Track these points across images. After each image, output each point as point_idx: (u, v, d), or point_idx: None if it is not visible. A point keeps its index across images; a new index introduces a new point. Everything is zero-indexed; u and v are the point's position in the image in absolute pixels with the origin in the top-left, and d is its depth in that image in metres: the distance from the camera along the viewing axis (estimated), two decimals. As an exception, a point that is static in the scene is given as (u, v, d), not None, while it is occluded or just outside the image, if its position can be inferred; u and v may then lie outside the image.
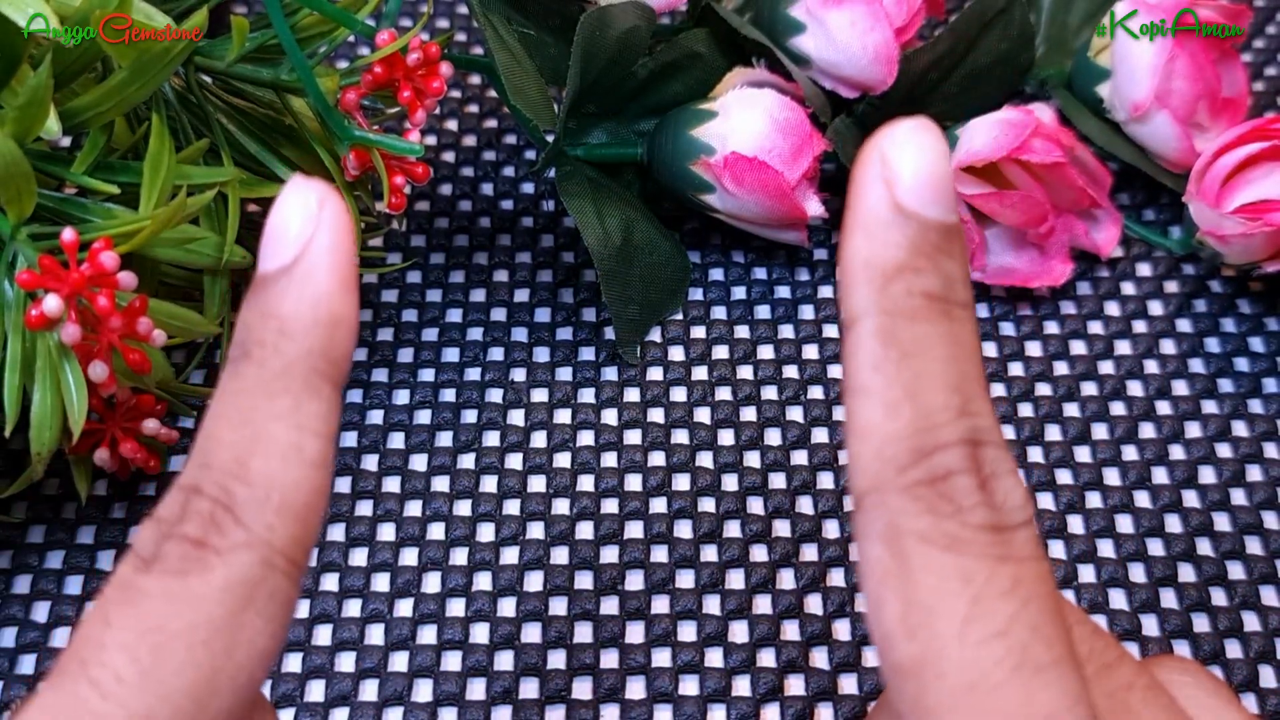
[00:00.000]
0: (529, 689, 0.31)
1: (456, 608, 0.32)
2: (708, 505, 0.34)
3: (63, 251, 0.26)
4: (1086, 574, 0.33)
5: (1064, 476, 0.35)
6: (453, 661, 0.32)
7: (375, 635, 0.32)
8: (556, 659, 0.32)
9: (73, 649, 0.18)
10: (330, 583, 0.33)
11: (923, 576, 0.17)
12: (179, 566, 0.18)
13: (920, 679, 0.17)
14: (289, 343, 0.19)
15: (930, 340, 0.18)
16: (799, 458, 0.35)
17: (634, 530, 0.34)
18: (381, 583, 0.33)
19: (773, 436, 0.36)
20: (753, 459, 0.35)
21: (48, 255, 0.26)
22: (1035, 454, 0.36)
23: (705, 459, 0.35)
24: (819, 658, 0.32)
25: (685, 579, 0.33)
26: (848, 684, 0.31)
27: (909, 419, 0.18)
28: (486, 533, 0.34)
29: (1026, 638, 0.17)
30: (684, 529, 0.34)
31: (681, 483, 0.35)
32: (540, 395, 0.36)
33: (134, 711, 0.17)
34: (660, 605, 0.33)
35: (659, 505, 0.34)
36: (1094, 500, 0.35)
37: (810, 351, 0.38)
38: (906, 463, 0.18)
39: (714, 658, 0.32)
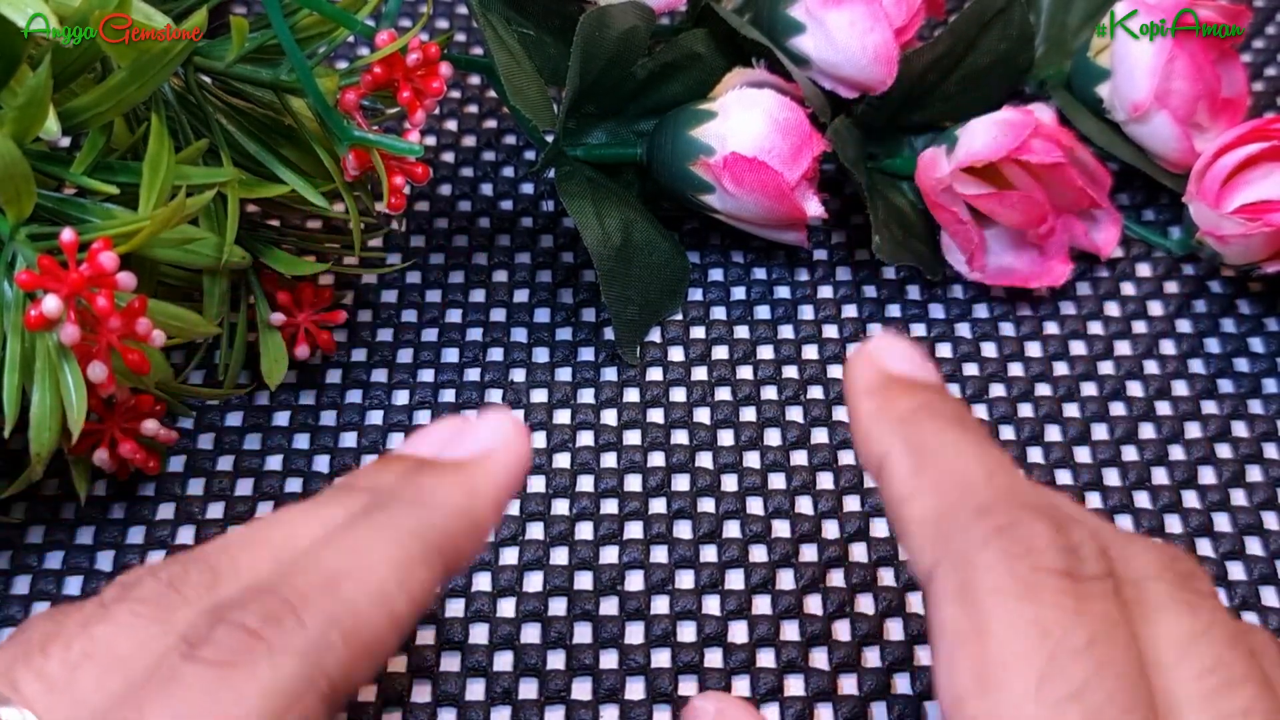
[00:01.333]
0: (528, 689, 0.31)
1: (455, 608, 0.32)
2: (707, 505, 0.34)
3: (62, 252, 0.26)
4: (1086, 574, 0.33)
5: (1064, 477, 0.35)
6: (451, 662, 0.32)
7: (375, 636, 0.32)
8: (556, 659, 0.32)
9: None
10: (330, 583, 0.33)
11: (999, 629, 0.17)
12: (226, 657, 0.17)
13: None
14: (431, 512, 0.20)
15: (958, 442, 0.20)
16: (799, 458, 0.35)
17: (633, 530, 0.34)
18: (381, 583, 0.33)
19: (772, 437, 0.36)
20: (752, 459, 0.35)
21: (47, 255, 0.26)
22: (1035, 454, 0.35)
23: (705, 459, 0.35)
24: (818, 658, 0.32)
25: (685, 579, 0.33)
26: (847, 684, 0.31)
27: (961, 492, 0.19)
28: (486, 533, 0.34)
29: (1101, 702, 0.16)
30: (683, 529, 0.34)
31: (681, 483, 0.35)
32: (540, 395, 0.36)
33: None
34: (660, 606, 0.33)
35: (658, 505, 0.34)
36: (1094, 500, 0.35)
37: (810, 351, 0.38)
38: (970, 520, 0.18)
39: (713, 658, 0.32)
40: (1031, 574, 0.17)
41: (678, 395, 0.37)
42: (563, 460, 0.35)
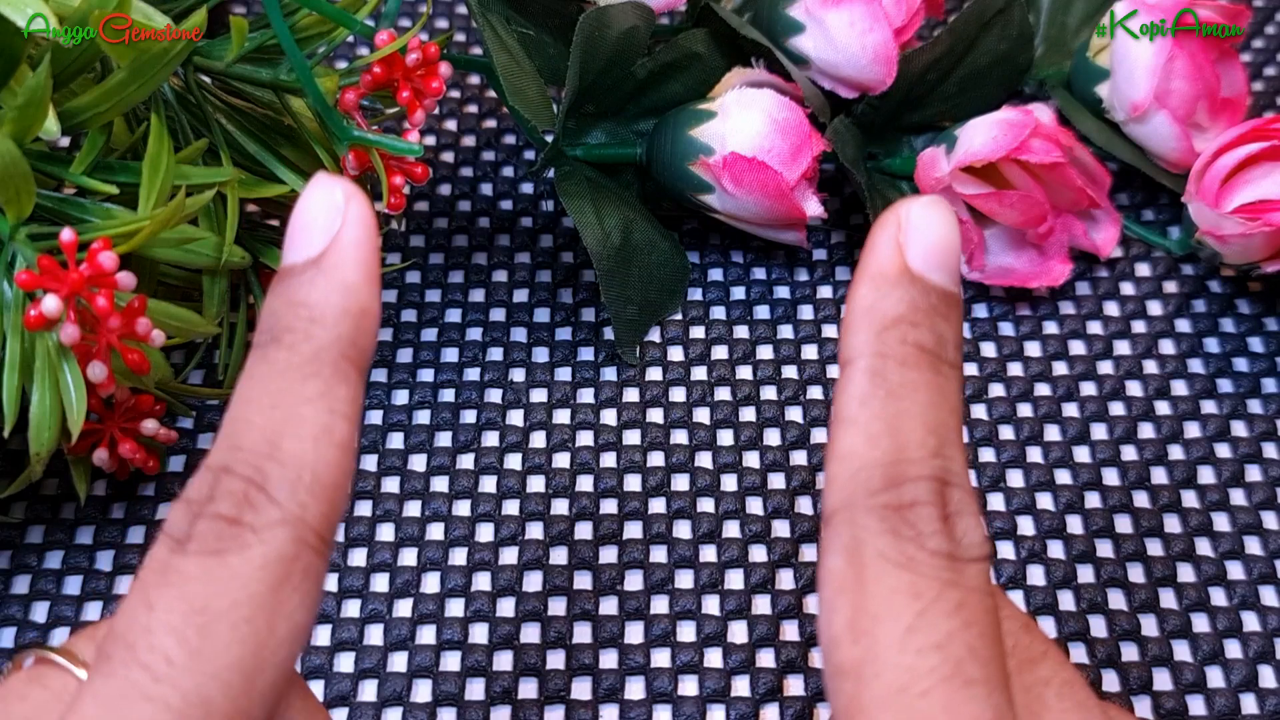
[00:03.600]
0: (528, 689, 0.31)
1: (456, 608, 0.32)
2: (707, 505, 0.34)
3: (61, 251, 0.26)
4: (1085, 574, 0.33)
5: (1063, 476, 0.35)
6: (452, 662, 0.32)
7: (374, 635, 0.32)
8: (556, 659, 0.32)
9: (117, 634, 0.18)
10: (329, 583, 0.33)
11: (875, 587, 0.18)
12: (215, 545, 0.18)
13: (858, 679, 0.18)
14: (320, 329, 0.20)
15: (916, 385, 0.20)
16: (798, 458, 0.35)
17: (633, 530, 0.34)
18: (380, 583, 0.33)
19: (772, 437, 0.36)
20: (752, 459, 0.35)
21: (47, 255, 0.26)
22: (1034, 454, 0.35)
23: (704, 459, 0.35)
24: (819, 658, 0.32)
25: (684, 579, 0.33)
26: (847, 684, 0.31)
27: (886, 449, 0.19)
28: (485, 533, 0.34)
29: (962, 654, 0.18)
30: (683, 529, 0.34)
31: (681, 483, 0.35)
32: (539, 395, 0.36)
33: (186, 691, 0.17)
34: (659, 605, 0.33)
35: (658, 505, 0.34)
36: (1093, 500, 0.35)
37: (809, 351, 0.38)
38: (878, 487, 0.19)
39: (713, 658, 0.32)
40: (916, 551, 0.19)
41: (677, 395, 0.37)
42: (562, 460, 0.35)
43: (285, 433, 0.19)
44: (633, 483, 0.35)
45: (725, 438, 0.36)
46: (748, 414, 0.36)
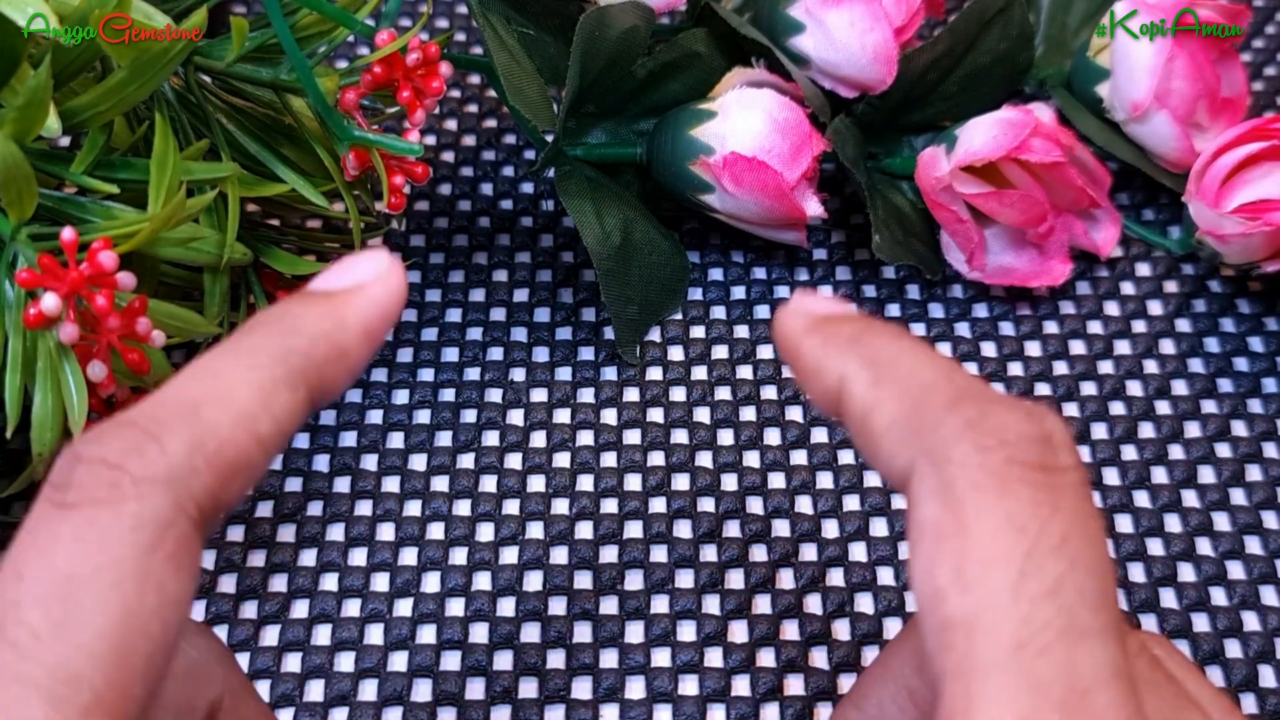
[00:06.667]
0: (528, 689, 0.31)
1: (456, 607, 0.32)
2: (707, 505, 0.34)
3: (63, 251, 0.26)
4: (1086, 574, 0.33)
5: (1063, 476, 0.35)
6: (452, 661, 0.32)
7: (375, 635, 0.32)
8: (556, 659, 0.32)
9: None
10: (329, 582, 0.33)
11: (977, 526, 0.17)
12: (90, 495, 0.17)
13: (971, 633, 0.17)
14: (297, 341, 0.20)
15: (901, 349, 0.19)
16: (798, 457, 0.35)
17: (633, 530, 0.34)
18: (381, 582, 0.33)
19: (772, 436, 0.36)
20: (752, 459, 0.35)
21: (47, 255, 0.26)
22: (1035, 454, 0.35)
23: (705, 459, 0.35)
24: (818, 657, 0.32)
25: (685, 579, 0.33)
26: (847, 684, 0.31)
27: (923, 394, 0.18)
28: (486, 532, 0.34)
29: (1074, 601, 0.17)
30: (683, 529, 0.34)
31: (681, 482, 0.35)
32: (540, 395, 0.36)
33: (53, 666, 0.16)
34: (660, 605, 0.33)
35: (658, 505, 0.34)
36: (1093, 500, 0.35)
37: (810, 351, 0.38)
38: (940, 416, 0.18)
39: (713, 657, 0.32)
40: (1006, 467, 0.17)
41: (678, 395, 0.37)
42: (563, 460, 0.35)
43: (209, 401, 0.18)
44: (633, 482, 0.35)
45: (725, 437, 0.36)
46: (748, 414, 0.36)
